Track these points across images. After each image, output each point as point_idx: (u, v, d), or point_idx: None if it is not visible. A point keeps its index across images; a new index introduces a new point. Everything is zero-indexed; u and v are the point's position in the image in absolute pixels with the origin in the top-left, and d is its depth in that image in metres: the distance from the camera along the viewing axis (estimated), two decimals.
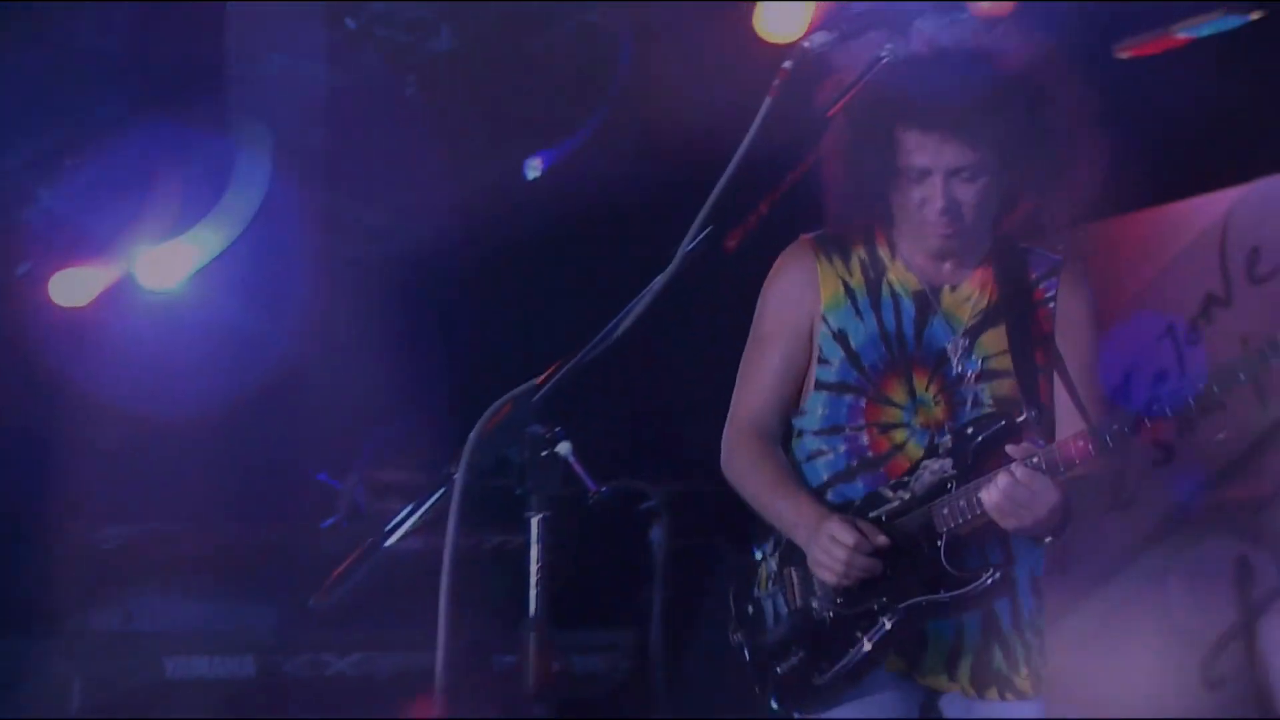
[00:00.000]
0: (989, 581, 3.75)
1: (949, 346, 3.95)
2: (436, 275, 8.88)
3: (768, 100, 2.72)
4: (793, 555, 4.01)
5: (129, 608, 6.16)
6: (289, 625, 6.28)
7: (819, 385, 4.07)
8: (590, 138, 8.76)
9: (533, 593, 2.62)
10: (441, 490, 2.67)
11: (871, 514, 3.90)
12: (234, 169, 8.58)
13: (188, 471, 7.58)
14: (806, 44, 2.88)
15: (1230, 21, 7.46)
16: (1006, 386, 3.92)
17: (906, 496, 3.87)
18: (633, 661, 6.78)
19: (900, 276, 3.99)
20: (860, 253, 4.01)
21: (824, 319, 4.01)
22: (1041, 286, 4.02)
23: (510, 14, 8.19)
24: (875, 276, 3.98)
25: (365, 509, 6.75)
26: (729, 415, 4.24)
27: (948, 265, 4.00)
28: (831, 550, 3.76)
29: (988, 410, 3.90)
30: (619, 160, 8.63)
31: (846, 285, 3.98)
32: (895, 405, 3.96)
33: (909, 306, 3.97)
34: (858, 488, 4.00)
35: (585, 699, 6.75)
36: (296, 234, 8.62)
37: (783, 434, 4.20)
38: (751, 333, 4.23)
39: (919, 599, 3.76)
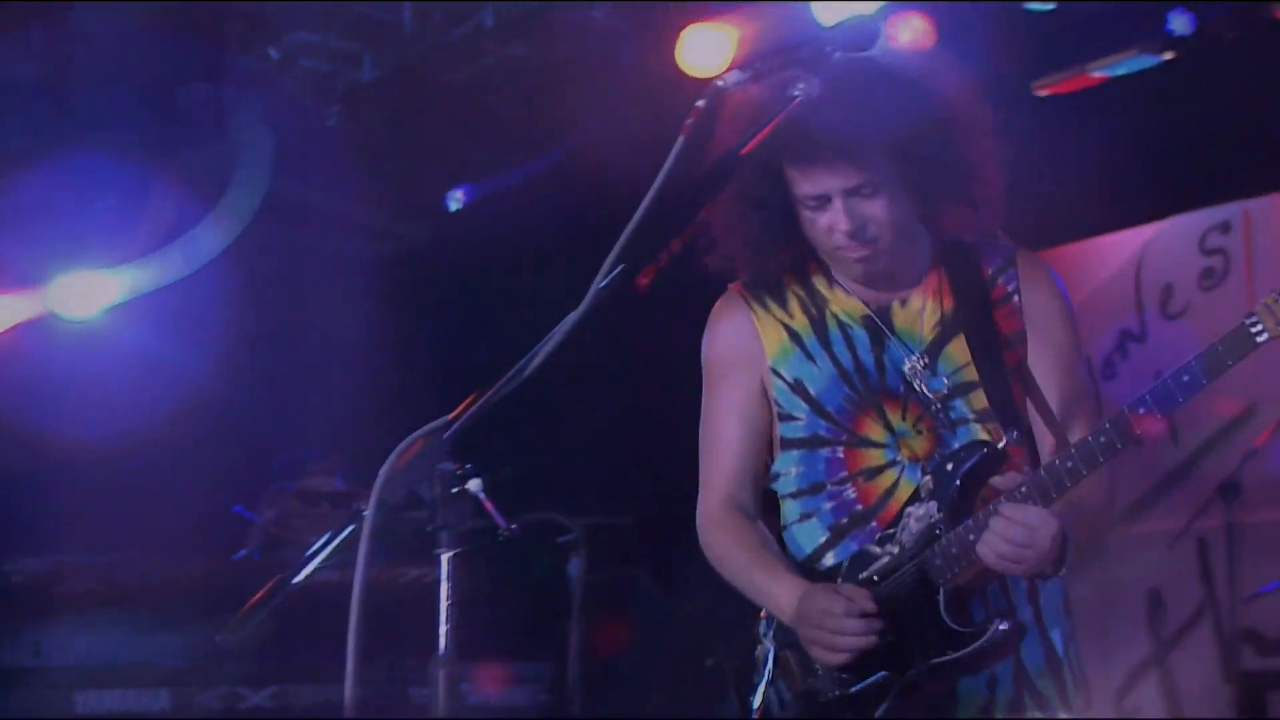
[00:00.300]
0: (999, 630, 3.31)
1: (907, 368, 3.52)
2: (359, 300, 8.85)
3: (680, 138, 2.69)
4: (787, 636, 3.51)
5: (38, 642, 6.02)
6: (203, 658, 6.17)
7: (787, 444, 3.62)
8: (518, 173, 8.79)
9: (442, 630, 2.59)
10: (351, 526, 2.64)
11: (861, 575, 3.45)
12: (193, 215, 8.56)
13: (100, 503, 7.50)
14: (720, 83, 2.84)
15: (1144, 61, 7.58)
16: (984, 397, 3.50)
17: (895, 550, 3.43)
18: (552, 694, 6.73)
19: (844, 305, 3.59)
20: (796, 289, 3.63)
21: (774, 372, 3.60)
22: (1000, 281, 3.58)
23: (434, 47, 8.19)
24: (818, 312, 3.60)
25: (290, 521, 6.65)
26: (699, 495, 3.75)
27: (889, 281, 3.58)
28: (822, 623, 3.32)
29: (973, 426, 3.48)
30: (542, 191, 8.66)
31: (789, 329, 3.61)
32: (876, 445, 3.53)
33: (860, 335, 3.57)
34: (851, 547, 3.53)
35: None
36: (216, 262, 8.57)
37: (762, 502, 3.69)
38: (703, 401, 3.75)
39: (924, 664, 3.33)
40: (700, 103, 2.77)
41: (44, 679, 6.04)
